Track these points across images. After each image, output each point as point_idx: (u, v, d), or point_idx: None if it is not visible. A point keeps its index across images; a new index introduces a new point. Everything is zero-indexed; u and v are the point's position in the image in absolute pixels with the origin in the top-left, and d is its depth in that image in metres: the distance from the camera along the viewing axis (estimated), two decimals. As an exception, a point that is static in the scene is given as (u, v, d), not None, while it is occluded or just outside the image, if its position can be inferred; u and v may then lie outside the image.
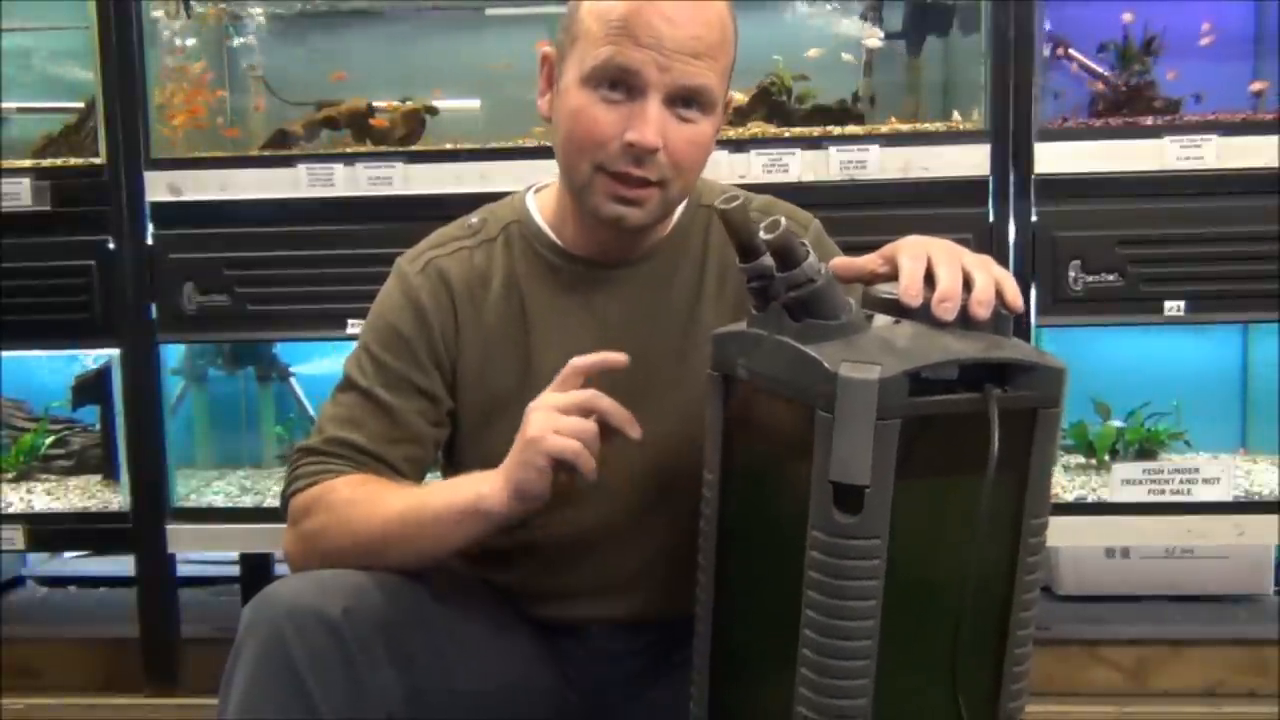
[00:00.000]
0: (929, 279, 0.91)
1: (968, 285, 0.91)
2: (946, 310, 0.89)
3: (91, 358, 2.27)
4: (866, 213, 1.84)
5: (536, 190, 1.26)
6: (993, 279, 0.92)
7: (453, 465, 1.26)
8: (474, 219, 1.26)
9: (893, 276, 0.95)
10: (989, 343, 0.89)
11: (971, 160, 1.88)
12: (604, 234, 1.16)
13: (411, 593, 1.09)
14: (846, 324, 0.89)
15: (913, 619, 0.89)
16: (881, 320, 0.92)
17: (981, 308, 0.90)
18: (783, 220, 0.88)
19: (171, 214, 1.98)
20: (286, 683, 0.98)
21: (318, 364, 2.35)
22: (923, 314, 0.90)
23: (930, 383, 0.85)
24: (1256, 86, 2.04)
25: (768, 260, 0.91)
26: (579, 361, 1.06)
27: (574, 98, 1.10)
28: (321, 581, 1.04)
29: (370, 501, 1.12)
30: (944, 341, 0.87)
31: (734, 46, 1.14)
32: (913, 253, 0.93)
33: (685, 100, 1.09)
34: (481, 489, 1.06)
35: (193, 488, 2.18)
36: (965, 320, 0.90)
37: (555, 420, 1.02)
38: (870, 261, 0.98)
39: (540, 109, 1.18)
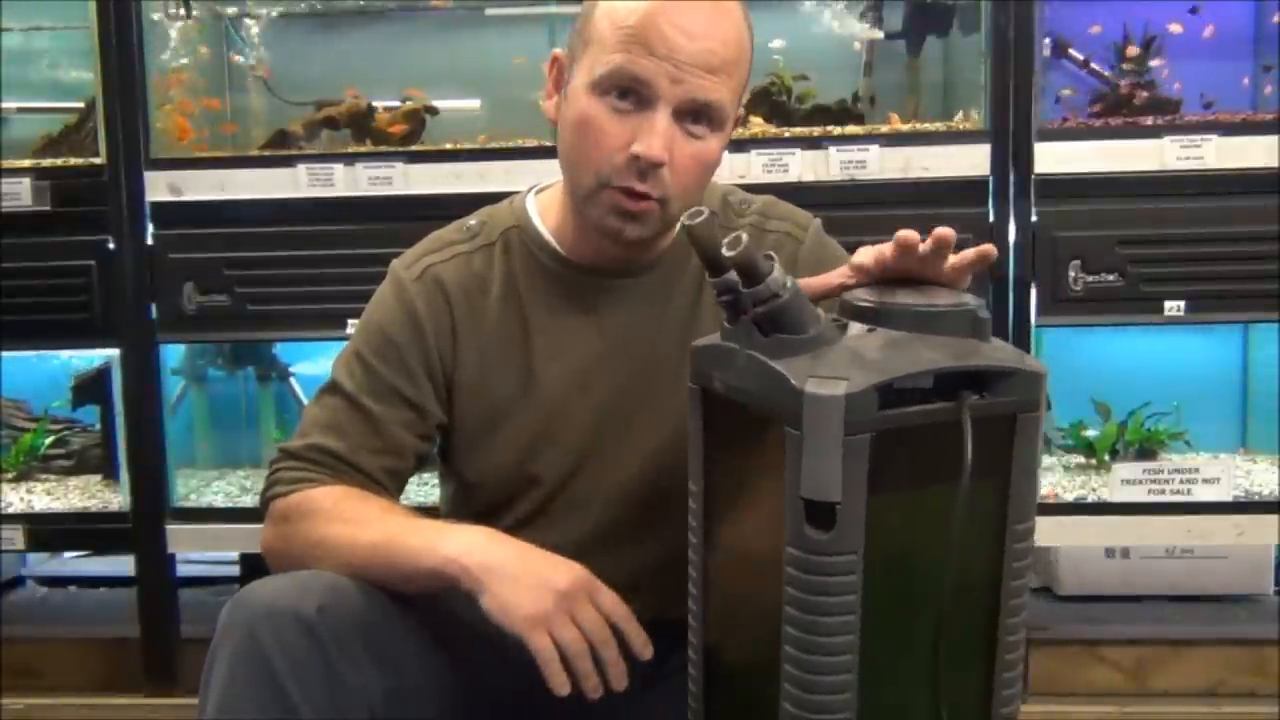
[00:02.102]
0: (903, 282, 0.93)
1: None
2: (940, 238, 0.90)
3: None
4: (866, 213, 1.85)
5: (538, 192, 1.24)
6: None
7: (452, 473, 1.25)
8: (472, 221, 1.23)
9: (863, 284, 0.95)
10: (963, 349, 0.87)
11: (971, 160, 1.88)
12: (604, 243, 1.15)
13: (391, 592, 1.07)
14: (815, 337, 0.87)
15: (896, 630, 0.88)
16: (856, 329, 0.90)
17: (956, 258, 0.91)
18: (744, 236, 0.86)
19: (171, 214, 1.98)
20: (264, 684, 0.97)
21: (318, 364, 2.35)
22: (896, 320, 0.89)
23: (906, 392, 0.83)
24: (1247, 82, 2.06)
25: (734, 275, 0.89)
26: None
27: (582, 103, 1.08)
28: (299, 581, 1.02)
29: (347, 523, 1.09)
30: (916, 350, 0.86)
31: (749, 63, 1.12)
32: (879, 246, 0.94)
33: (695, 115, 1.07)
34: (460, 555, 1.03)
35: (192, 488, 2.18)
36: (940, 325, 0.89)
37: (582, 610, 1.02)
38: (837, 275, 0.97)
39: (546, 111, 1.16)
